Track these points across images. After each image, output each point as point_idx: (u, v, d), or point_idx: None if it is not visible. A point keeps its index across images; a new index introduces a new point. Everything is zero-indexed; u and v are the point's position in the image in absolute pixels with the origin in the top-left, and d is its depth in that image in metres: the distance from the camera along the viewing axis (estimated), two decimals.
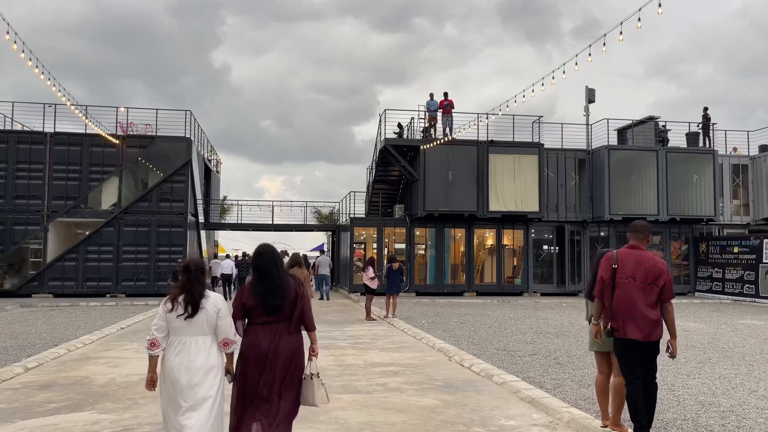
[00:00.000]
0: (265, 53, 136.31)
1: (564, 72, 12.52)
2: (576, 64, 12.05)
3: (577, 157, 24.03)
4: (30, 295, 20.88)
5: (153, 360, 3.95)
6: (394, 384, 7.37)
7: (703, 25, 54.26)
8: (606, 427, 5.13)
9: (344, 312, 17.34)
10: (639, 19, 9.73)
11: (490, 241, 24.27)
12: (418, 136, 23.14)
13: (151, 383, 3.96)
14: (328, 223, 30.00)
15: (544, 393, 6.66)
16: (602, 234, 24.09)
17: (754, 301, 21.09)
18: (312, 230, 30.82)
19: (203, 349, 3.87)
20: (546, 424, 5.64)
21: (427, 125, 22.95)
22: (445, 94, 22.72)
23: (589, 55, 11.28)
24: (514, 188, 22.59)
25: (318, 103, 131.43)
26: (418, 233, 23.69)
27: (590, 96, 24.45)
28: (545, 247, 24.25)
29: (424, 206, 22.01)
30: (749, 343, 11.34)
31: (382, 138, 22.91)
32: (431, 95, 22.88)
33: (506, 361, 8.96)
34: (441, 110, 22.65)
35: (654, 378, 4.84)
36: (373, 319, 14.98)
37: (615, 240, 24.02)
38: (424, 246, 24.06)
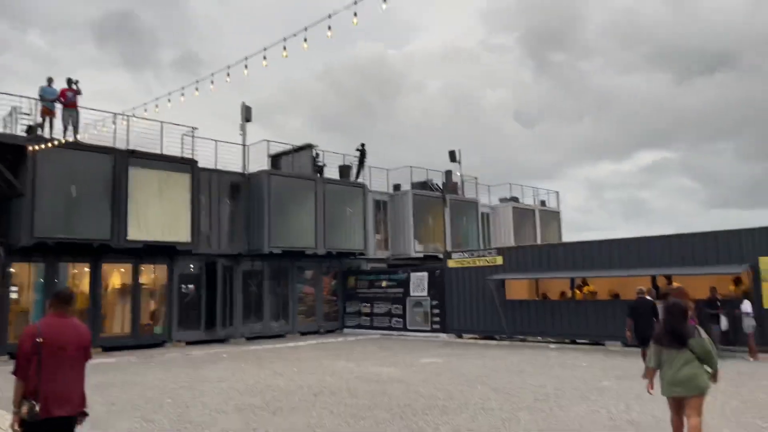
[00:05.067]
0: None
1: (169, 101, 11.78)
2: (183, 95, 11.52)
3: (232, 181, 20.95)
4: None
5: None
6: None
7: (296, 81, 59.01)
8: None
9: None
10: (246, 66, 10.05)
11: (123, 280, 18.90)
12: (25, 133, 16.55)
13: None
14: None
15: None
16: (257, 269, 21.43)
17: (402, 335, 21.34)
18: None
19: None
20: None
21: (39, 120, 16.61)
22: (70, 81, 16.91)
23: (197, 90, 11.23)
24: (161, 213, 18.05)
25: None
26: (17, 270, 16.76)
27: (247, 114, 21.83)
28: (185, 286, 20.08)
29: (32, 232, 15.55)
30: (476, 392, 9.96)
31: None
32: (49, 80, 16.74)
33: None
34: (62, 100, 16.70)
35: None
36: None
37: (270, 276, 21.65)
38: (22, 288, 17.18)
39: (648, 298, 11.86)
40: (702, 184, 63.91)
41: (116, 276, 18.88)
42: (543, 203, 31.50)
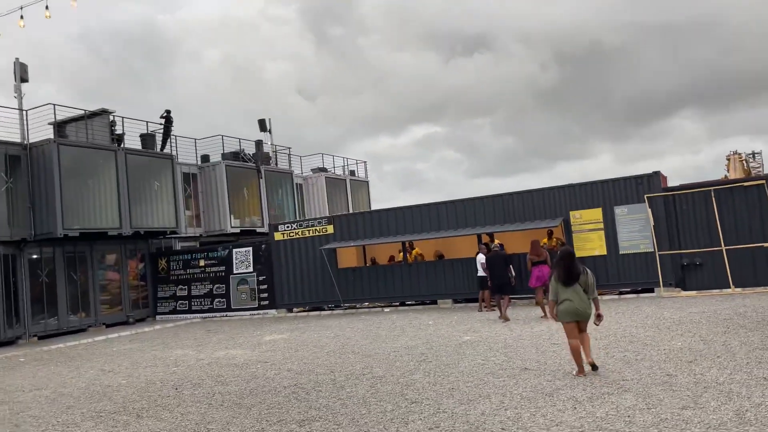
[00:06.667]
0: None
1: None
2: None
3: (8, 153, 17.34)
4: None
5: None
6: None
7: (46, 44, 50.26)
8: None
9: None
10: None
11: None
12: None
13: None
14: None
15: None
16: (47, 255, 18.20)
17: (226, 316, 19.99)
18: None
19: None
20: None
21: None
22: None
23: None
24: None
25: None
26: None
27: (23, 73, 18.15)
28: None
29: None
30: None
31: None
32: None
33: None
34: None
35: None
36: None
37: (64, 263, 18.59)
38: None
39: (500, 251, 12.63)
40: (465, 155, 70.77)
41: None
42: (353, 173, 31.87)
